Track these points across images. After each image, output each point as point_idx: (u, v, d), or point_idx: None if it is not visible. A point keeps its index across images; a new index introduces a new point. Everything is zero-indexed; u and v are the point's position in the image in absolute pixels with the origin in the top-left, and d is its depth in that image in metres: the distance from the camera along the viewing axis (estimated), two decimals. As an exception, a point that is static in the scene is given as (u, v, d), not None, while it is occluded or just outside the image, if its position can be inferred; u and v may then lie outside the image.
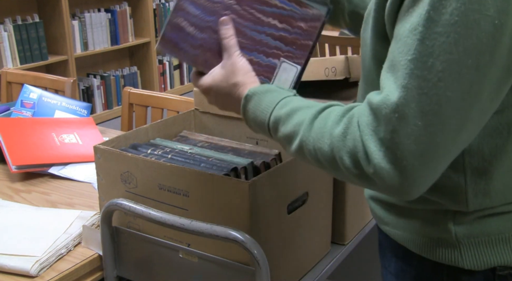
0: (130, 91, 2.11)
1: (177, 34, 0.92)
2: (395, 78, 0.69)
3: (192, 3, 0.91)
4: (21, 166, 1.52)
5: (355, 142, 0.72)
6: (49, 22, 4.15)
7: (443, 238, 0.84)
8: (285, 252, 1.13)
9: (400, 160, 0.68)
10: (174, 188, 1.07)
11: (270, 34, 0.93)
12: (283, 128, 0.81)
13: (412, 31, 0.68)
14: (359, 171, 0.72)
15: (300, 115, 0.80)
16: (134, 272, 1.18)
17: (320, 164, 0.78)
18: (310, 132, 0.77)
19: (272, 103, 0.84)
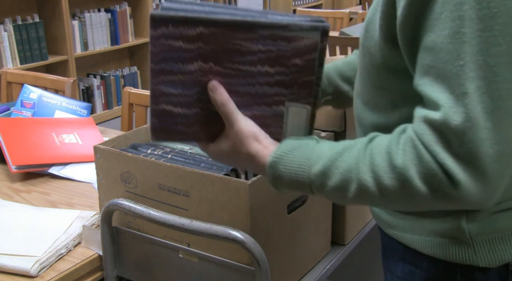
0: (130, 91, 2.11)
1: (166, 121, 0.83)
2: (451, 88, 0.67)
3: (168, 84, 0.80)
4: (21, 166, 1.52)
5: (427, 165, 0.68)
6: (49, 22, 4.15)
7: (456, 237, 0.83)
8: (285, 252, 1.13)
9: (481, 168, 0.67)
10: (174, 188, 1.07)
11: (265, 83, 0.81)
12: (330, 182, 0.75)
13: (454, 36, 0.67)
14: (438, 193, 0.69)
15: (344, 161, 0.75)
16: (134, 272, 1.18)
17: (388, 201, 0.73)
18: (366, 173, 0.73)
19: (304, 162, 0.78)
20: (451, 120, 0.67)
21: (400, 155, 0.70)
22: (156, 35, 0.76)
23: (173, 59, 0.78)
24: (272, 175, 0.80)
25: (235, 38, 0.78)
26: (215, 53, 0.79)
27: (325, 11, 5.07)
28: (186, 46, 0.77)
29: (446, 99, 0.67)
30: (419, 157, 0.69)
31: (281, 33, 0.78)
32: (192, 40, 0.77)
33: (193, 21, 0.76)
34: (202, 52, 0.78)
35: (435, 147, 0.68)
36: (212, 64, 0.79)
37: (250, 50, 0.79)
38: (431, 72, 0.69)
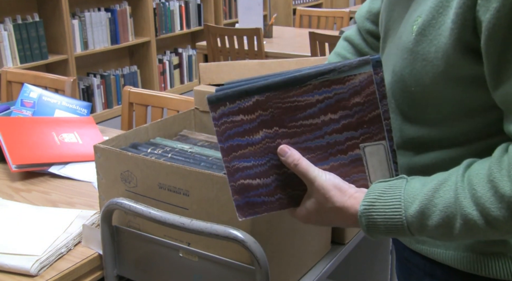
0: (130, 90, 2.11)
1: (248, 195, 0.84)
2: None
3: (240, 159, 0.82)
4: (21, 165, 1.52)
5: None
6: (49, 22, 4.15)
7: (497, 253, 0.79)
8: (285, 251, 1.13)
9: None
10: (174, 187, 1.07)
11: (333, 131, 0.80)
12: (430, 221, 0.71)
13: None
14: None
15: (441, 197, 0.70)
16: (134, 271, 1.18)
17: (501, 231, 0.68)
18: (470, 207, 0.68)
19: (398, 205, 0.74)
20: None
21: (506, 181, 0.65)
22: (218, 116, 0.81)
23: (239, 134, 0.81)
24: (366, 224, 0.76)
25: (290, 96, 0.79)
26: (276, 116, 0.80)
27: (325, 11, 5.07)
28: (247, 118, 0.80)
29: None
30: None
31: (332, 77, 0.77)
32: (251, 110, 0.80)
33: (247, 93, 0.79)
34: (264, 119, 0.80)
35: None
36: (276, 128, 0.81)
37: (308, 103, 0.79)
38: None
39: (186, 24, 5.39)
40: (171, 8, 5.17)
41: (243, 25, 3.95)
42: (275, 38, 4.10)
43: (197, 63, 5.27)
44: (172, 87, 5.28)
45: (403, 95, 0.82)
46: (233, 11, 6.02)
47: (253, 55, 3.55)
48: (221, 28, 3.66)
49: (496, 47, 0.67)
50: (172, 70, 5.28)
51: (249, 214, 0.86)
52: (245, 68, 1.39)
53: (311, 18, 4.80)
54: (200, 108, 1.43)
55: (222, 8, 5.82)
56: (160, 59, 5.13)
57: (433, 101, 0.78)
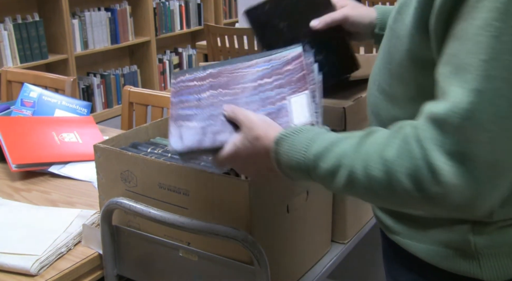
0: (130, 90, 2.11)
1: (185, 137, 0.93)
2: (464, 82, 0.63)
3: (185, 108, 0.96)
4: (21, 164, 1.52)
5: (415, 161, 0.65)
6: (49, 21, 4.15)
7: (461, 249, 0.80)
8: (285, 250, 1.13)
9: (473, 172, 0.63)
10: (174, 186, 1.07)
11: (266, 89, 0.94)
12: (324, 164, 0.74)
13: (485, 28, 0.61)
14: (423, 193, 0.66)
15: (341, 147, 0.73)
16: (134, 270, 1.18)
17: (374, 193, 0.71)
18: (357, 161, 0.71)
19: (307, 141, 0.77)
20: (453, 116, 0.63)
21: (392, 148, 0.68)
22: (176, 82, 1.00)
23: (189, 93, 0.98)
24: (275, 152, 0.80)
25: (236, 69, 0.98)
26: (223, 82, 0.97)
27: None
28: (199, 83, 0.98)
29: (456, 94, 0.64)
30: (409, 152, 0.66)
31: (271, 54, 0.98)
32: (203, 78, 0.99)
33: (204, 68, 0.99)
34: (212, 84, 0.98)
35: (428, 143, 0.65)
36: (221, 89, 0.97)
37: (250, 73, 0.97)
38: (452, 62, 0.66)
39: (186, 23, 5.39)
40: (171, 7, 5.17)
41: (243, 25, 3.95)
42: (275, 37, 4.09)
43: (197, 63, 5.26)
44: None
45: (383, 72, 0.84)
46: (233, 11, 6.02)
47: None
48: (221, 27, 3.66)
49: (438, 28, 0.69)
50: (172, 69, 5.28)
51: (188, 156, 0.96)
52: (245, 67, 1.39)
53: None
54: (200, 108, 1.43)
55: (222, 8, 5.82)
56: (160, 58, 5.13)
57: (402, 80, 0.79)
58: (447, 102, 0.64)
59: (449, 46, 0.67)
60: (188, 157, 0.95)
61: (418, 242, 0.85)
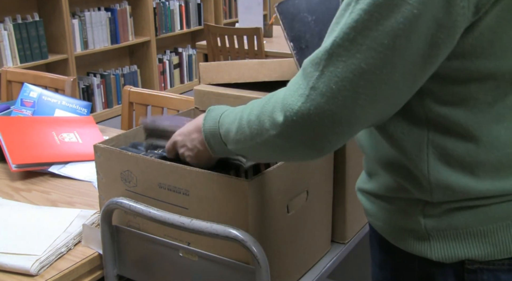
0: (130, 90, 2.11)
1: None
2: (325, 42, 0.75)
3: None
4: (21, 164, 1.52)
5: (276, 100, 0.78)
6: (49, 21, 4.15)
7: (414, 229, 0.86)
8: (285, 250, 1.13)
9: (313, 115, 0.74)
10: (174, 186, 1.07)
11: None
12: (228, 119, 0.91)
13: (346, 5, 0.73)
14: (277, 129, 0.77)
15: (236, 109, 0.90)
16: (134, 271, 1.18)
17: (251, 136, 0.83)
18: (243, 113, 0.85)
19: (224, 108, 0.95)
20: (308, 66, 0.76)
21: (266, 97, 0.82)
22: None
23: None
24: (204, 119, 0.97)
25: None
26: None
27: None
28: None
29: (319, 49, 0.76)
30: (275, 96, 0.80)
31: None
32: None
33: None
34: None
35: (290, 84, 0.78)
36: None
37: None
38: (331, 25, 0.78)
39: (186, 23, 5.39)
40: (171, 7, 5.17)
41: (243, 25, 3.95)
42: (275, 37, 4.10)
43: (197, 63, 5.27)
44: (172, 87, 5.28)
45: None
46: (233, 11, 6.02)
47: (253, 54, 3.55)
48: (221, 27, 3.66)
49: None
50: (172, 69, 5.28)
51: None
52: (245, 67, 1.39)
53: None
54: (200, 108, 1.43)
55: (222, 8, 5.82)
56: (160, 58, 5.13)
57: None
58: (313, 53, 0.77)
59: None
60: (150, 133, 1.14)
61: (383, 223, 0.92)
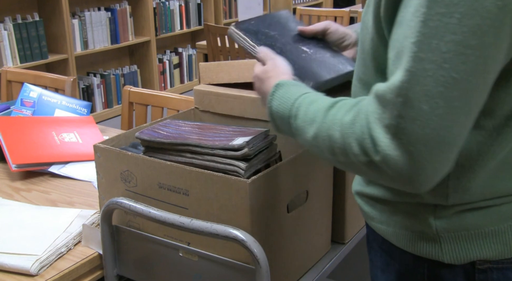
0: (130, 90, 2.11)
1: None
2: (400, 64, 0.69)
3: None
4: (21, 164, 1.52)
5: (362, 129, 0.72)
6: (49, 21, 4.15)
7: (424, 232, 0.85)
8: (285, 250, 1.13)
9: (407, 146, 0.68)
10: (174, 186, 1.07)
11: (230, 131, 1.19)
12: (303, 115, 0.84)
13: (415, 14, 0.67)
14: (367, 159, 0.72)
15: (319, 104, 0.82)
16: (134, 270, 1.18)
17: (333, 152, 0.78)
18: (325, 120, 0.79)
19: (299, 93, 0.88)
20: (388, 92, 0.69)
21: (350, 115, 0.76)
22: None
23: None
24: (272, 93, 0.92)
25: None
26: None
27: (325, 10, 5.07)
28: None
29: (394, 74, 0.70)
30: (360, 121, 0.74)
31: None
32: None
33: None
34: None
35: (371, 115, 0.72)
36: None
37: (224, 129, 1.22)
38: (395, 46, 0.72)
39: (186, 23, 5.38)
40: (171, 7, 5.17)
41: (243, 25, 3.94)
42: (275, 37, 4.08)
43: (197, 63, 5.27)
44: (172, 87, 5.28)
45: (359, 62, 0.89)
46: (233, 11, 6.02)
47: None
48: (221, 27, 3.66)
49: (387, 16, 0.75)
50: (172, 69, 5.28)
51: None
52: (245, 67, 1.39)
53: (311, 18, 4.80)
54: (200, 108, 1.43)
55: (222, 8, 5.82)
56: (160, 58, 5.13)
57: (373, 68, 0.85)
58: (388, 82, 0.71)
59: (394, 32, 0.73)
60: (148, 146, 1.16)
61: (388, 226, 0.90)
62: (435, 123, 0.67)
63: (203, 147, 1.09)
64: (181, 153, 1.11)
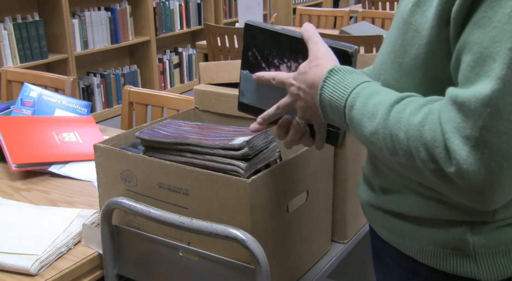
0: (130, 89, 2.11)
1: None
2: (489, 70, 0.63)
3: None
4: (21, 164, 1.52)
5: (434, 135, 0.66)
6: (49, 21, 4.14)
7: (458, 248, 0.80)
8: (285, 250, 1.13)
9: (488, 160, 0.63)
10: (174, 186, 1.07)
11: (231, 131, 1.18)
12: (361, 106, 0.76)
13: (510, 18, 0.61)
14: (437, 167, 0.67)
15: (381, 96, 0.75)
16: (134, 270, 1.18)
17: (394, 152, 0.72)
18: (388, 116, 0.72)
19: (356, 82, 0.80)
20: (473, 101, 0.63)
21: (419, 116, 0.69)
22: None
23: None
24: (324, 79, 0.82)
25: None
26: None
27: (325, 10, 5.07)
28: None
29: (479, 80, 0.63)
30: (431, 125, 0.67)
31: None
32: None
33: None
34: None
35: (447, 124, 0.66)
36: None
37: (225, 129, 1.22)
38: (475, 50, 0.65)
39: (186, 23, 5.38)
40: (171, 7, 5.17)
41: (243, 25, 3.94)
42: (275, 37, 4.08)
43: (197, 63, 5.26)
44: (172, 87, 5.28)
45: (391, 67, 0.82)
46: (233, 10, 6.02)
47: (253, 54, 3.54)
48: (221, 27, 3.66)
49: (459, 15, 0.68)
50: (172, 69, 5.28)
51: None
52: (245, 67, 1.39)
53: (311, 17, 4.80)
54: (200, 108, 1.43)
55: (222, 7, 5.82)
56: (160, 58, 5.13)
57: (414, 75, 0.78)
58: (471, 89, 0.64)
59: (471, 34, 0.66)
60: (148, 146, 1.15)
61: (412, 241, 0.85)
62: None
63: (203, 146, 1.08)
64: (181, 153, 1.11)
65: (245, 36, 1.03)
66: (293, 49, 0.95)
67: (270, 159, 1.14)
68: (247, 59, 1.03)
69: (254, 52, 1.02)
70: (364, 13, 4.50)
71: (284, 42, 0.97)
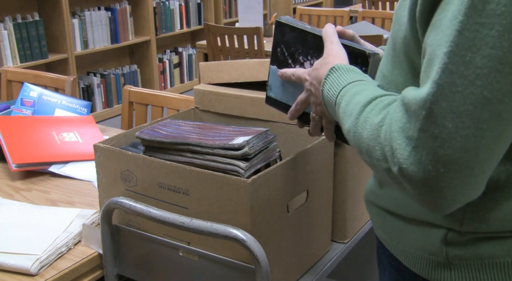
0: (130, 89, 2.11)
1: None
2: (429, 73, 0.63)
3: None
4: (21, 164, 1.52)
5: (386, 134, 0.68)
6: (49, 21, 4.14)
7: (434, 254, 0.79)
8: (285, 250, 1.13)
9: (425, 163, 0.62)
10: (174, 186, 1.07)
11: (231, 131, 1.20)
12: (344, 105, 0.79)
13: (452, 21, 0.61)
14: (387, 166, 0.68)
15: (360, 97, 0.77)
16: (134, 270, 1.18)
17: (360, 151, 0.74)
18: (359, 116, 0.74)
19: (349, 80, 0.82)
20: (413, 103, 0.64)
21: (379, 116, 0.71)
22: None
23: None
24: (326, 76, 0.86)
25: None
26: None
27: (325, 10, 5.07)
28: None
29: (424, 82, 0.64)
30: (386, 125, 0.69)
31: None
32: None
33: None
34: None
35: (394, 123, 0.67)
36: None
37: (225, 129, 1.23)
38: (428, 52, 0.66)
39: (186, 23, 5.38)
40: (171, 7, 5.17)
41: (243, 24, 3.95)
42: (275, 37, 4.08)
43: (197, 62, 5.26)
44: (172, 87, 5.28)
45: (387, 58, 0.84)
46: (233, 10, 6.02)
47: (253, 54, 3.55)
48: (221, 27, 3.66)
49: (422, 16, 0.68)
50: (172, 69, 5.28)
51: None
52: (245, 67, 1.39)
53: (311, 17, 4.80)
54: (200, 107, 1.43)
55: (222, 7, 5.82)
56: (160, 58, 5.13)
57: (402, 67, 0.79)
58: (419, 90, 0.65)
59: (428, 35, 0.67)
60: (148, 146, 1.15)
61: (397, 242, 0.85)
62: (459, 145, 0.60)
63: (203, 146, 1.09)
64: (181, 153, 1.11)
65: (275, 33, 1.08)
66: (317, 47, 1.00)
67: (270, 159, 1.14)
68: (276, 55, 1.08)
69: (282, 49, 1.06)
70: (364, 13, 4.50)
71: (310, 40, 1.01)
